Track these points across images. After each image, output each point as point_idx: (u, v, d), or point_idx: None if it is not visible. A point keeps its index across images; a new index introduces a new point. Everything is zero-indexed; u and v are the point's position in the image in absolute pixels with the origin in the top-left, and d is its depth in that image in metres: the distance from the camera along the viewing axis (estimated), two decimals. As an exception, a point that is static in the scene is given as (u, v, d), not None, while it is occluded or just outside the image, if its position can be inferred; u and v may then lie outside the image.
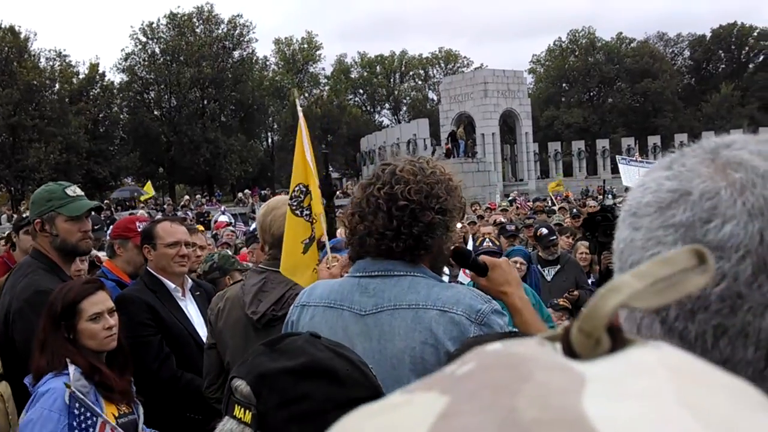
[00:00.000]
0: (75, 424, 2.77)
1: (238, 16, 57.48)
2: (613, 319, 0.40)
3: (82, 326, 3.03)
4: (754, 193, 0.68)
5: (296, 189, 3.45)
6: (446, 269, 5.40)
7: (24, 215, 5.98)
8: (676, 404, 0.33)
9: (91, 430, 2.79)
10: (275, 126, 64.18)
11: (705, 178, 0.71)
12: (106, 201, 33.13)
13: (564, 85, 67.27)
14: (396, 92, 71.39)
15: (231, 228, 11.26)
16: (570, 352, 0.40)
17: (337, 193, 26.91)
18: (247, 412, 1.23)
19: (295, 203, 3.36)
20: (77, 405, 2.79)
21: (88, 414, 2.80)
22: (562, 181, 31.76)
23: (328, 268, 3.32)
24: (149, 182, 30.69)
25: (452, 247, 2.27)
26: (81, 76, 50.52)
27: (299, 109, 4.09)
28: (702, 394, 0.35)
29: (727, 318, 0.67)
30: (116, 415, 3.00)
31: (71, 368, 2.92)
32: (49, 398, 2.84)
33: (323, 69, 68.65)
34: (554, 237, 7.48)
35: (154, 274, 3.86)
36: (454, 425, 0.33)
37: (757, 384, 0.64)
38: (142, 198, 30.38)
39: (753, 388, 0.37)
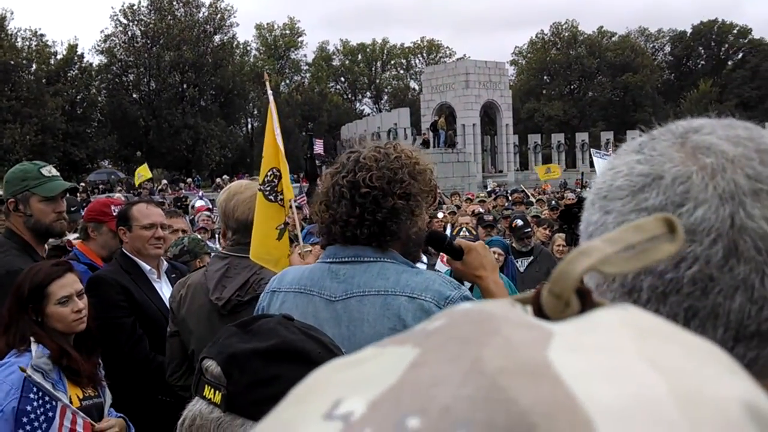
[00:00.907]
0: (30, 408, 2.72)
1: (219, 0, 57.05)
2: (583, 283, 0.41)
3: (51, 309, 2.99)
4: (724, 178, 0.69)
5: (269, 173, 3.40)
6: (424, 258, 5.42)
7: None
8: (638, 357, 0.34)
9: (50, 413, 2.75)
10: (255, 112, 63.85)
11: (676, 163, 0.72)
12: (82, 183, 32.76)
13: (545, 77, 67.54)
14: (377, 81, 71.33)
15: (207, 213, 11.15)
16: (540, 313, 0.41)
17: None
18: (217, 392, 1.22)
19: (268, 188, 3.31)
20: (34, 389, 2.74)
21: (47, 398, 2.76)
22: (557, 167, 31.74)
23: (300, 254, 3.30)
24: (145, 164, 30.06)
25: (427, 232, 2.26)
26: (59, 57, 49.90)
27: (269, 92, 4.07)
28: (664, 350, 0.36)
29: (699, 300, 0.69)
30: (80, 397, 2.97)
31: (34, 346, 2.88)
32: (5, 370, 2.80)
33: (305, 56, 68.52)
34: (528, 229, 7.51)
35: (129, 255, 3.83)
36: (423, 373, 0.34)
37: None
38: (138, 181, 29.74)
39: (719, 350, 0.38)
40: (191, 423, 1.25)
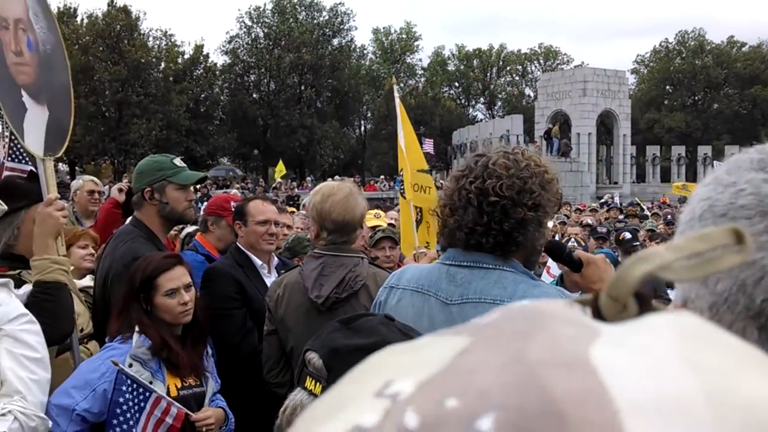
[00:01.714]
0: (123, 400, 2.84)
1: (339, 3, 58.15)
2: (641, 288, 0.41)
3: (158, 300, 3.13)
4: None
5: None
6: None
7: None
8: (677, 357, 0.35)
9: (143, 403, 2.86)
10: (369, 114, 64.61)
11: None
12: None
13: (668, 87, 65.00)
14: (492, 87, 70.69)
15: (304, 212, 11.50)
16: (599, 315, 0.41)
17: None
18: (318, 384, 1.26)
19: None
20: (128, 381, 2.86)
21: (141, 388, 2.88)
22: (694, 186, 30.54)
23: (414, 256, 3.34)
24: (281, 161, 31.10)
25: (546, 241, 2.23)
26: (186, 57, 52.12)
27: (397, 97, 4.20)
28: (705, 352, 0.36)
29: None
30: (179, 386, 3.08)
31: (135, 336, 3.01)
32: (106, 353, 2.97)
33: (420, 60, 68.65)
34: (637, 242, 7.28)
35: (243, 249, 3.98)
36: (469, 360, 0.35)
37: None
38: (276, 176, 30.99)
39: (766, 356, 0.38)
40: (292, 412, 1.30)
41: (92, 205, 6.36)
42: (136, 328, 3.04)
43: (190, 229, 5.58)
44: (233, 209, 4.24)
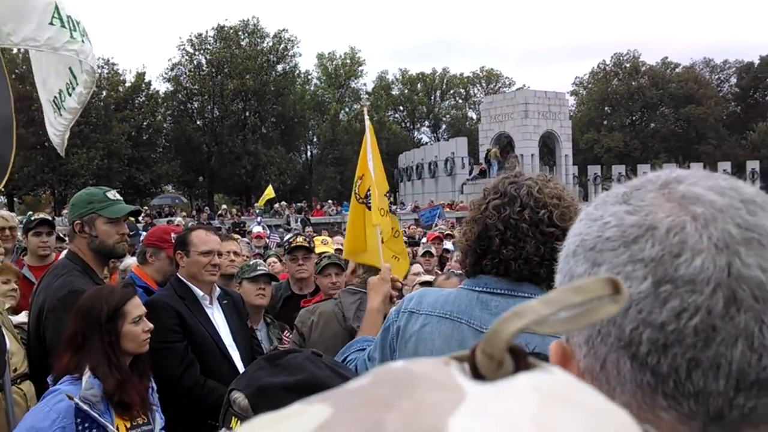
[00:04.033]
0: None
1: (283, 30, 58.20)
2: (514, 343, 0.41)
3: (126, 329, 3.09)
4: (717, 228, 0.69)
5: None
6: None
7: (33, 218, 6.13)
8: (530, 424, 0.34)
9: None
10: (314, 139, 64.61)
11: (668, 213, 0.72)
12: (145, 207, 33.53)
13: (606, 108, 66.63)
14: (436, 110, 71.45)
15: (247, 240, 11.72)
16: (476, 372, 0.41)
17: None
18: None
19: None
20: (79, 420, 2.77)
21: (94, 429, 2.79)
22: None
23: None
24: (270, 186, 30.49)
25: None
26: (127, 84, 51.45)
27: (367, 120, 4.29)
28: (563, 416, 0.36)
29: (702, 351, 0.68)
30: (128, 426, 3.00)
31: (85, 378, 2.92)
32: (54, 398, 2.86)
33: (365, 85, 69.06)
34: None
35: (184, 281, 3.91)
36: None
37: (727, 412, 0.68)
38: (262, 201, 30.41)
39: (630, 419, 0.38)
40: None
41: (3, 242, 5.97)
42: (86, 370, 2.94)
43: (130, 260, 5.46)
44: (173, 240, 4.16)
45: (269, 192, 28.84)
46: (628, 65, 66.15)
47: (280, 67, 58.05)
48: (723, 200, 0.72)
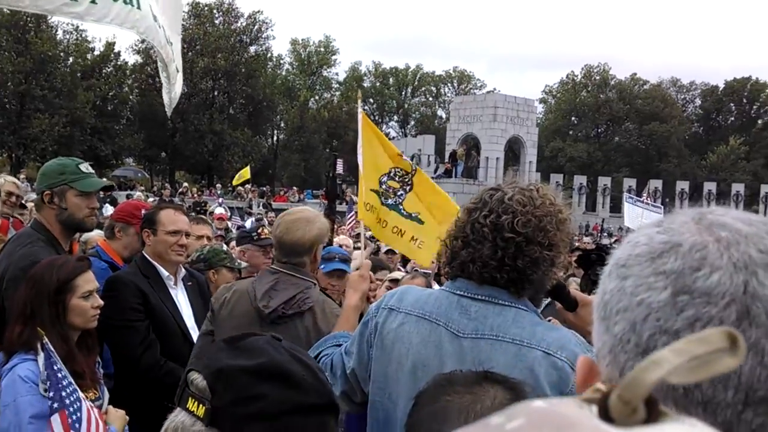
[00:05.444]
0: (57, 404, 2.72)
1: (258, 12, 57.59)
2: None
3: (74, 302, 3.03)
4: (738, 250, 0.74)
5: (391, 172, 4.12)
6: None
7: None
8: None
9: (77, 414, 2.74)
10: (282, 125, 64.15)
11: (694, 233, 0.76)
12: (104, 179, 32.94)
13: (573, 118, 67.42)
14: (406, 105, 71.52)
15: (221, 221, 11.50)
16: (606, 415, 0.42)
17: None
18: (201, 406, 1.22)
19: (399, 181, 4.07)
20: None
21: (74, 396, 2.77)
22: None
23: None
24: (247, 167, 29.87)
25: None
26: (96, 53, 50.48)
27: (359, 109, 4.28)
28: None
29: None
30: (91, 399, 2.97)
31: (41, 359, 2.82)
32: (23, 384, 2.80)
33: (336, 74, 68.80)
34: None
35: (150, 259, 3.87)
36: None
37: (736, 427, 0.70)
38: (236, 181, 29.69)
39: None
40: None
41: (7, 207, 5.91)
42: (38, 346, 2.85)
43: (92, 234, 5.37)
44: (143, 217, 4.12)
45: (245, 173, 28.44)
46: (597, 78, 66.97)
47: (252, 49, 57.48)
48: (749, 229, 0.76)
